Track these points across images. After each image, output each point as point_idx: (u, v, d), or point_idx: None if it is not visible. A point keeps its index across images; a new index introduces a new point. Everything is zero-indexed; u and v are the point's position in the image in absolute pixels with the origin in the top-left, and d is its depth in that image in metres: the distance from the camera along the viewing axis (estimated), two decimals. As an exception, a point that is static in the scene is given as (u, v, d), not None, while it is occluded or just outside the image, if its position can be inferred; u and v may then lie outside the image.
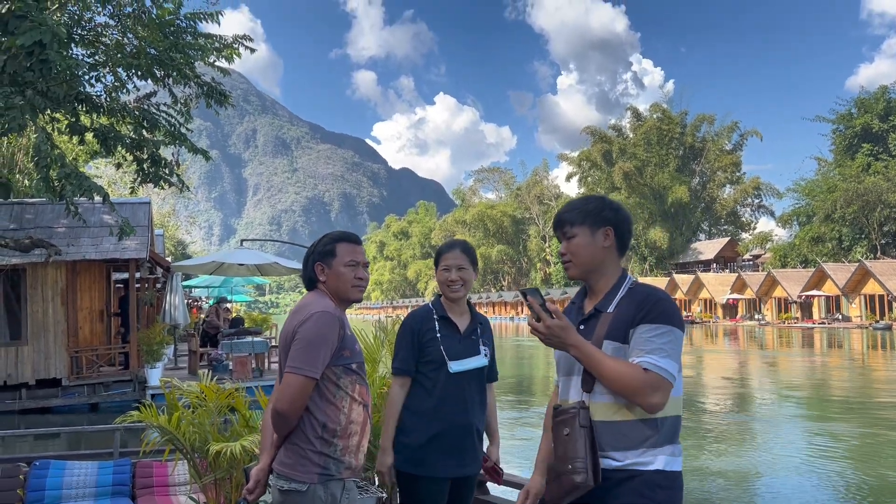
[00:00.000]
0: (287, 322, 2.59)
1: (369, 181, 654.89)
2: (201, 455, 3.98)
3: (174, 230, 57.55)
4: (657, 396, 1.94)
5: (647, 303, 2.04)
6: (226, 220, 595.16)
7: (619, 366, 1.97)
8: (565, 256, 2.22)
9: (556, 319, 2.01)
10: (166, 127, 12.36)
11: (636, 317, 2.03)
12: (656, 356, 1.97)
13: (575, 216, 2.20)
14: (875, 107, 66.24)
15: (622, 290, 2.14)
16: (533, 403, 15.88)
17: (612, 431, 2.00)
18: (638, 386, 1.94)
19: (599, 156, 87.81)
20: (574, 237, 2.19)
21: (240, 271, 16.29)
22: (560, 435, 2.03)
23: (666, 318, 2.02)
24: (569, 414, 2.03)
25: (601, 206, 2.22)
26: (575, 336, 2.01)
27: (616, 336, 2.04)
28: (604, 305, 2.13)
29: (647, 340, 1.99)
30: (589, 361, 1.99)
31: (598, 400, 2.04)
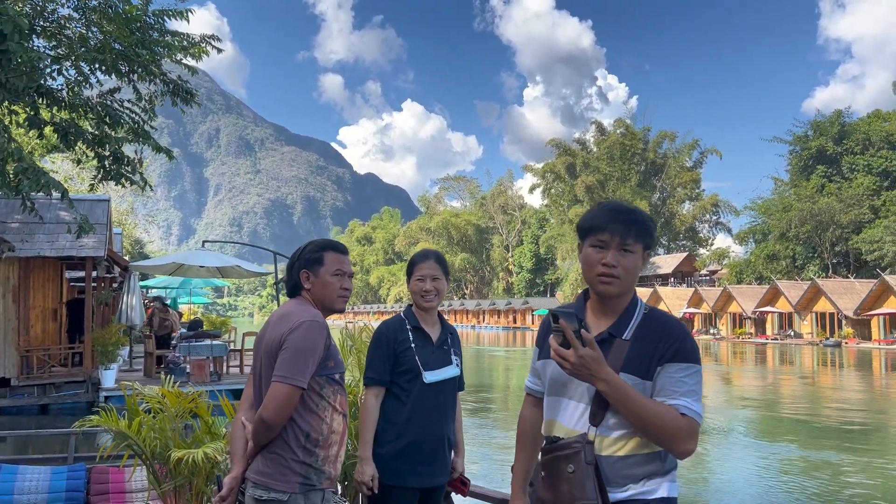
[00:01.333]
0: (272, 329, 2.55)
1: (334, 185, 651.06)
2: (161, 461, 3.90)
3: (132, 229, 56.42)
4: (692, 443, 1.82)
5: (674, 338, 1.88)
6: (185, 219, 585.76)
7: (657, 408, 1.81)
8: (615, 270, 1.92)
9: (588, 349, 1.79)
10: (129, 124, 12.12)
11: (663, 353, 1.87)
12: (690, 399, 1.83)
13: (640, 232, 1.95)
14: (830, 130, 68.14)
15: (637, 314, 1.96)
16: (494, 412, 15.91)
17: (618, 466, 1.87)
18: (677, 432, 1.79)
19: (563, 168, 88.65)
20: (633, 253, 1.95)
21: (200, 273, 16.03)
22: (562, 471, 1.86)
23: (695, 356, 1.89)
24: (572, 449, 1.86)
25: (654, 228, 2.02)
26: (607, 370, 1.81)
27: (636, 370, 1.87)
28: (618, 330, 1.94)
29: (680, 381, 1.84)
30: (621, 399, 1.80)
31: (605, 434, 1.88)
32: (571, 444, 1.87)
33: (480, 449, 11.22)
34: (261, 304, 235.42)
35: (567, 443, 1.89)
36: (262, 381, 2.54)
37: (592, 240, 1.96)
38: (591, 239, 1.97)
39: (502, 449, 11.58)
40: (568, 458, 1.86)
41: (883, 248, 57.72)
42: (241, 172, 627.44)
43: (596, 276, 1.95)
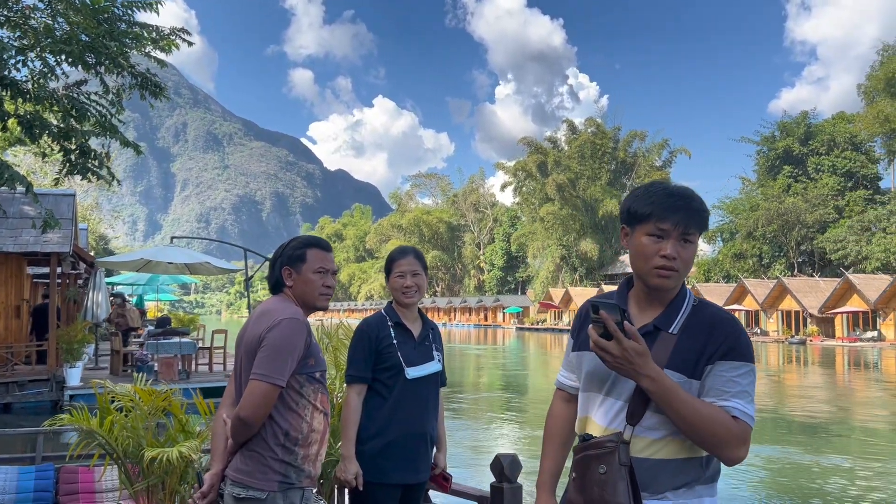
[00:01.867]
0: (251, 326, 2.52)
1: (303, 181, 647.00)
2: (133, 461, 3.82)
3: (96, 224, 55.47)
4: (744, 449, 1.68)
5: (727, 333, 1.75)
6: (151, 215, 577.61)
7: (705, 409, 1.66)
8: (675, 262, 1.77)
9: (633, 342, 1.66)
10: (96, 117, 11.88)
11: (714, 350, 1.73)
12: (743, 401, 1.69)
13: (701, 221, 1.80)
14: (796, 131, 69.44)
15: (686, 306, 1.82)
16: (469, 409, 15.94)
17: (654, 470, 1.73)
18: (728, 437, 1.66)
19: (535, 167, 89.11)
20: (692, 244, 1.80)
21: (168, 269, 15.79)
22: (593, 472, 1.73)
23: (749, 354, 1.75)
24: (605, 448, 1.73)
25: (709, 213, 1.87)
26: (652, 365, 1.67)
27: (683, 367, 1.73)
28: (665, 323, 1.80)
29: (732, 381, 1.70)
30: (667, 398, 1.66)
31: (643, 434, 1.75)
32: (605, 444, 1.74)
33: (455, 449, 11.22)
34: (228, 302, 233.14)
35: (600, 441, 1.76)
36: (242, 379, 2.52)
37: (650, 227, 1.79)
38: (647, 226, 1.79)
39: (473, 450, 11.61)
40: (600, 459, 1.73)
41: (846, 247, 59.03)
42: (209, 168, 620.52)
43: (653, 269, 1.79)
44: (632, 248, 1.85)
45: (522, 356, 36.15)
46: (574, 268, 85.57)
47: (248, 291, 15.32)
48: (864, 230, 59.55)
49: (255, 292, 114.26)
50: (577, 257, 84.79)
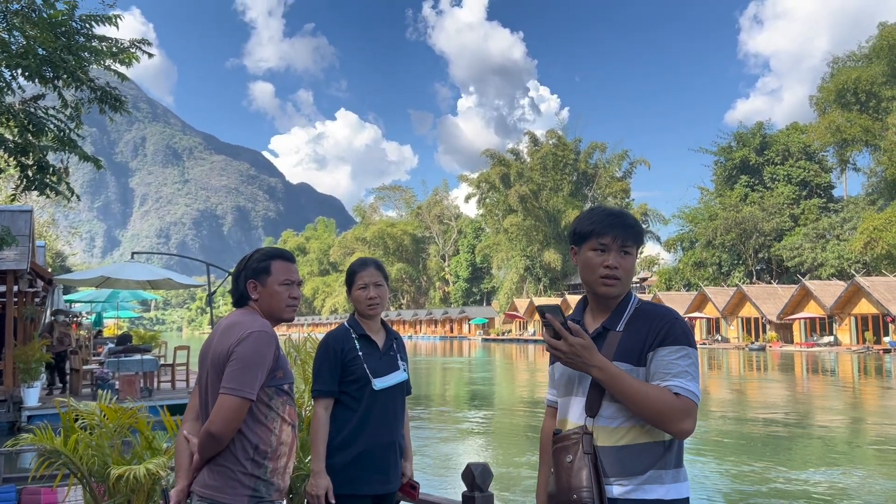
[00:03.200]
0: (218, 340, 2.49)
1: (265, 195, 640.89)
2: (99, 479, 3.77)
3: (53, 241, 54.22)
4: (689, 422, 1.85)
5: (664, 323, 1.95)
6: (110, 231, 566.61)
7: (649, 390, 1.85)
8: (616, 272, 2.00)
9: (578, 338, 1.88)
10: (54, 132, 11.67)
11: (654, 338, 1.93)
12: (684, 380, 1.87)
13: (636, 235, 2.04)
14: (752, 141, 71.08)
15: (630, 307, 2.03)
16: (437, 420, 15.91)
17: (618, 457, 1.90)
18: (671, 411, 1.83)
19: (498, 178, 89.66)
20: (630, 255, 2.04)
21: (129, 284, 15.53)
22: (562, 462, 1.92)
23: (685, 339, 1.94)
24: (570, 440, 1.92)
25: (643, 230, 2.13)
26: (599, 356, 1.89)
27: (629, 357, 1.93)
28: (612, 323, 2.02)
29: (672, 363, 1.89)
30: (615, 384, 1.86)
31: (603, 424, 1.93)
32: (570, 436, 1.93)
33: (425, 460, 11.20)
34: (190, 318, 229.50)
35: (567, 434, 1.94)
36: (208, 394, 2.49)
37: (593, 243, 2.03)
38: (591, 243, 2.03)
39: (443, 460, 11.60)
40: (567, 449, 1.91)
41: (802, 254, 60.50)
42: (169, 182, 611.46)
43: (599, 279, 2.02)
44: (580, 263, 2.09)
45: (488, 367, 36.20)
46: (538, 278, 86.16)
47: (210, 306, 15.14)
48: (818, 237, 61.14)
49: (218, 308, 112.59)
50: (540, 268, 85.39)
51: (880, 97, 61.11)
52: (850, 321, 47.26)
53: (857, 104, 63.13)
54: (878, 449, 12.33)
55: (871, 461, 11.35)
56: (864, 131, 61.09)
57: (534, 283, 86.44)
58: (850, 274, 52.08)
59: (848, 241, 57.06)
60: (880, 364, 34.18)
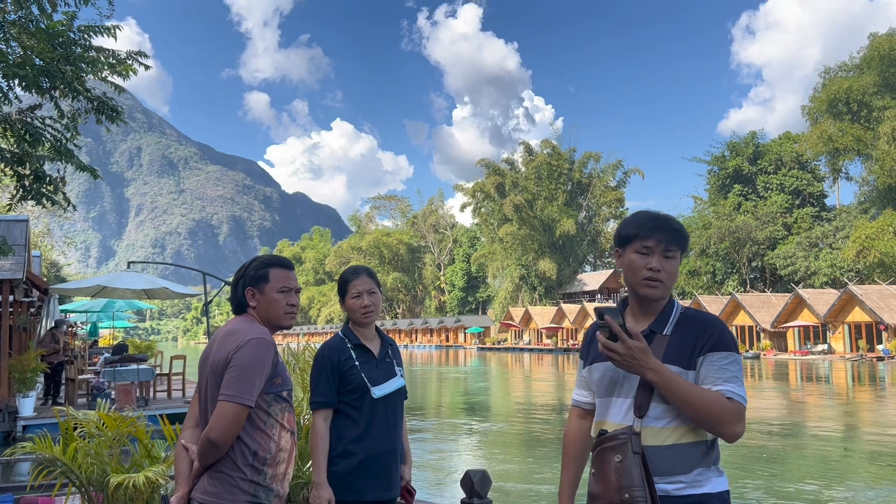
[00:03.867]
0: (217, 347, 2.51)
1: (261, 205, 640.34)
2: (98, 488, 3.78)
3: (48, 251, 54.06)
4: (740, 426, 1.91)
5: (713, 329, 2.00)
6: (105, 241, 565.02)
7: (705, 394, 1.90)
8: (660, 274, 2.04)
9: (636, 341, 1.92)
10: (51, 141, 11.69)
11: (703, 343, 1.98)
12: (734, 385, 1.93)
13: (680, 238, 2.08)
14: (745, 151, 71.42)
15: (675, 312, 2.08)
16: (435, 427, 15.90)
17: (665, 456, 1.95)
18: (725, 415, 1.89)
19: (493, 188, 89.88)
20: (673, 259, 2.07)
21: (125, 293, 15.51)
22: (609, 462, 1.95)
23: (733, 345, 2.00)
24: (619, 440, 1.96)
25: (688, 234, 2.14)
26: (654, 359, 1.92)
27: (678, 360, 1.98)
28: (659, 327, 2.06)
29: (722, 368, 1.95)
30: (670, 387, 1.90)
31: (651, 424, 1.97)
32: (618, 436, 1.96)
33: (424, 467, 11.20)
34: (185, 328, 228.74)
35: (614, 434, 1.98)
36: (207, 401, 2.50)
37: (637, 246, 2.07)
38: (634, 245, 2.08)
39: (442, 467, 11.60)
40: (615, 449, 1.95)
41: (795, 262, 60.69)
42: (164, 192, 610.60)
43: (641, 281, 2.06)
44: (624, 265, 2.13)
45: (485, 376, 36.17)
46: (533, 287, 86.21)
47: (206, 316, 15.13)
48: (811, 246, 61.37)
49: (213, 317, 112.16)
50: (535, 277, 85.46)
51: (871, 107, 61.52)
52: (843, 329, 47.39)
53: (848, 114, 63.53)
54: (872, 456, 12.38)
55: (865, 470, 11.39)
56: (856, 141, 61.45)
57: (529, 291, 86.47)
58: (843, 282, 52.24)
59: (841, 249, 57.27)
60: (874, 372, 34.27)
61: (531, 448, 13.48)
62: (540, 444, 13.80)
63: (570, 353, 62.97)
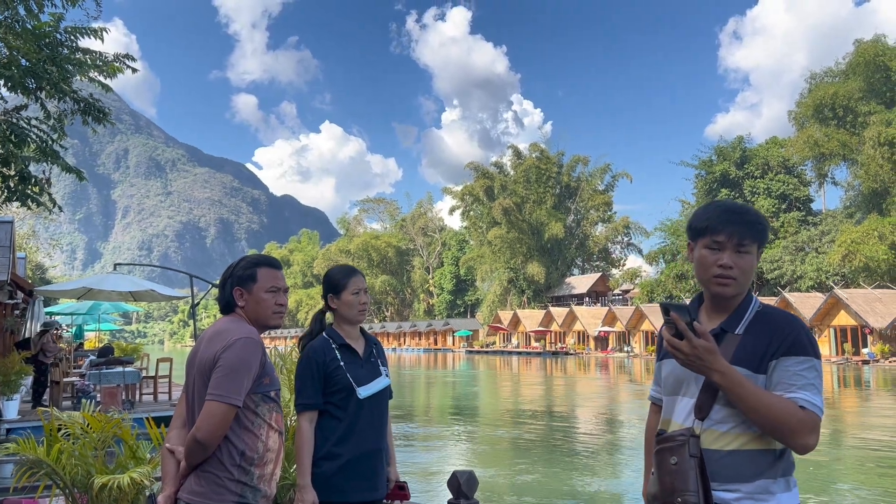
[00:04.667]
0: (205, 347, 2.50)
1: (249, 207, 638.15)
2: (82, 490, 3.76)
3: (33, 253, 53.62)
4: (813, 437, 1.77)
5: (789, 331, 1.86)
6: (91, 243, 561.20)
7: (774, 400, 1.77)
8: (732, 271, 1.92)
9: (703, 341, 1.80)
10: (37, 142, 11.62)
11: (778, 346, 1.84)
12: (809, 393, 1.79)
13: (756, 233, 1.94)
14: (732, 155, 71.83)
15: (750, 310, 1.95)
16: (423, 429, 15.89)
17: (725, 462, 1.84)
18: (796, 425, 1.75)
19: (482, 191, 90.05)
20: (748, 254, 1.93)
21: (111, 296, 15.41)
22: (666, 463, 1.85)
23: (813, 350, 1.85)
24: (676, 441, 1.85)
25: (767, 226, 1.99)
26: (722, 361, 1.80)
27: (748, 363, 1.85)
28: (731, 325, 1.94)
29: (797, 375, 1.81)
30: (737, 391, 1.78)
31: (711, 427, 1.87)
32: (676, 437, 1.86)
33: (411, 468, 11.19)
34: (171, 331, 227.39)
35: (672, 435, 1.88)
36: (195, 401, 2.49)
37: (707, 241, 1.96)
38: (705, 240, 1.96)
39: (429, 468, 11.59)
40: (672, 451, 1.85)
41: (782, 267, 61.11)
42: (152, 194, 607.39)
43: (712, 278, 1.95)
44: (694, 260, 2.03)
45: (473, 379, 36.18)
46: (522, 290, 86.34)
47: (194, 319, 15.06)
48: (798, 250, 61.82)
49: (201, 320, 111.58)
50: (524, 280, 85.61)
51: (857, 112, 62.07)
52: (829, 333, 47.75)
53: (834, 119, 64.06)
54: (858, 461, 12.48)
55: (852, 476, 11.48)
56: (842, 146, 61.98)
57: (517, 295, 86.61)
58: (828, 286, 52.67)
59: (826, 253, 57.72)
60: (859, 375, 34.55)
61: (519, 450, 13.50)
62: (527, 447, 13.82)
63: (558, 357, 63.10)
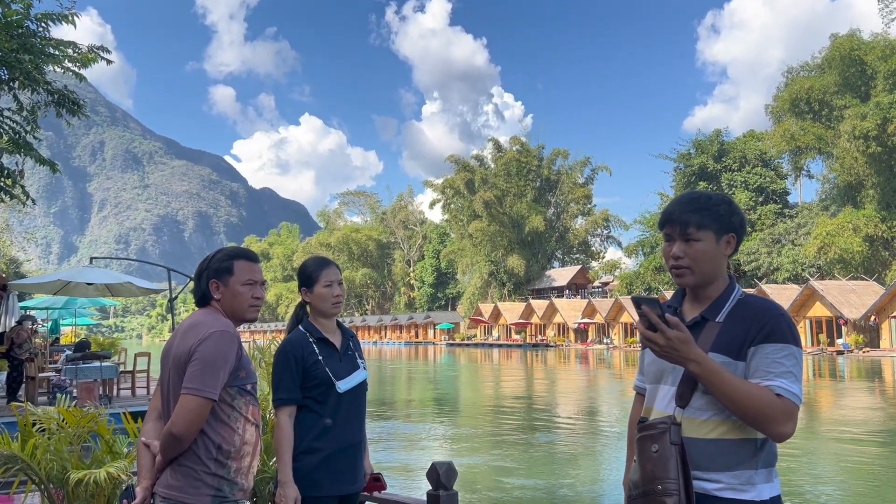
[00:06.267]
0: (180, 340, 2.48)
1: (227, 200, 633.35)
2: (57, 485, 3.71)
3: (7, 247, 52.84)
4: (790, 425, 1.77)
5: (768, 318, 1.85)
6: (67, 237, 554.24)
7: (750, 389, 1.77)
8: (682, 261, 1.93)
9: (676, 332, 1.80)
10: (9, 134, 11.45)
11: (756, 333, 1.84)
12: (787, 380, 1.79)
13: (703, 219, 1.93)
14: (710, 148, 72.48)
15: (732, 299, 1.95)
16: (402, 421, 15.91)
17: (706, 450, 1.84)
18: (772, 413, 1.75)
19: (462, 184, 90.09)
20: (698, 241, 1.92)
21: (87, 291, 15.21)
22: (647, 450, 1.85)
23: (791, 338, 1.84)
24: (657, 429, 1.85)
25: (730, 210, 1.97)
26: (697, 350, 1.80)
27: (727, 350, 1.86)
28: (711, 314, 1.94)
29: (775, 362, 1.81)
30: (712, 379, 1.78)
31: (692, 415, 1.87)
32: (657, 425, 1.86)
33: (390, 461, 11.20)
34: (150, 325, 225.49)
35: (654, 423, 1.88)
36: (170, 394, 2.47)
37: (664, 233, 2.00)
38: (663, 232, 2.00)
39: (408, 460, 11.61)
40: (653, 438, 1.85)
41: (759, 259, 61.83)
42: (128, 187, 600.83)
43: (671, 269, 1.98)
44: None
45: (453, 371, 36.28)
46: (502, 283, 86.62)
47: (172, 313, 14.93)
48: (774, 242, 62.55)
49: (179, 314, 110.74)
50: (505, 273, 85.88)
51: (832, 106, 62.78)
52: (805, 324, 48.41)
53: (810, 113, 64.77)
54: (835, 454, 12.67)
55: (828, 469, 11.66)
56: (818, 139, 62.69)
57: (498, 287, 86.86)
58: (804, 278, 53.38)
59: (802, 245, 58.48)
60: (834, 366, 35.09)
61: (498, 441, 13.56)
62: (507, 437, 13.89)
63: (538, 349, 63.41)
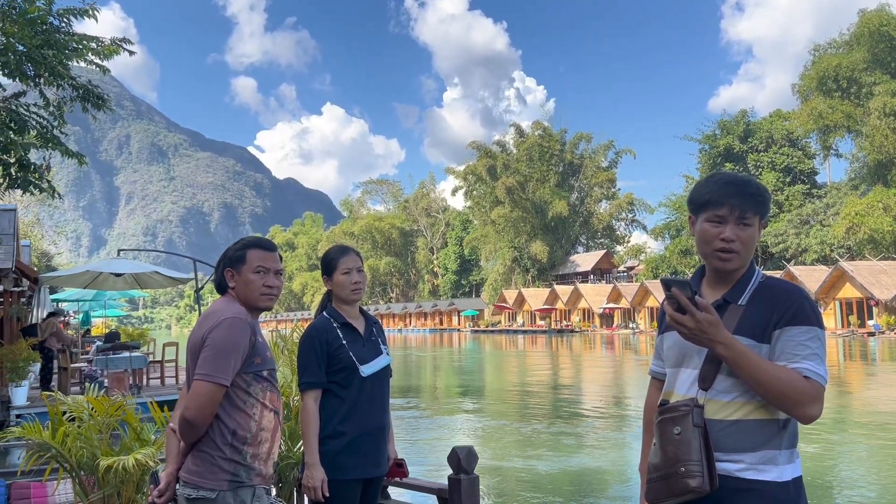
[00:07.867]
0: (196, 328, 2.55)
1: (252, 191, 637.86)
2: (88, 472, 3.80)
3: (38, 241, 53.79)
4: (817, 407, 1.78)
5: (791, 301, 1.86)
6: (95, 230, 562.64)
7: (778, 371, 1.77)
8: (734, 245, 1.91)
9: (705, 314, 1.79)
10: (37, 128, 11.61)
11: (781, 316, 1.85)
12: (813, 362, 1.80)
13: (757, 205, 1.93)
14: (736, 129, 71.47)
15: (753, 281, 1.95)
16: (427, 407, 16.01)
17: (729, 432, 1.84)
18: (800, 395, 1.76)
19: (484, 170, 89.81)
20: (750, 226, 1.92)
21: (116, 284, 15.46)
22: (669, 433, 1.86)
23: (815, 320, 1.85)
24: (679, 411, 1.86)
25: (769, 197, 1.97)
26: (725, 333, 1.80)
27: (751, 332, 1.86)
28: (734, 296, 1.94)
29: (801, 345, 1.81)
30: (741, 362, 1.78)
31: (715, 398, 1.87)
32: (679, 407, 1.87)
33: (414, 446, 11.28)
34: (178, 316, 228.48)
35: (675, 405, 1.89)
36: (189, 380, 2.53)
37: (709, 214, 1.94)
38: (706, 213, 1.95)
39: (431, 446, 11.69)
40: (675, 421, 1.85)
41: (787, 240, 60.98)
42: (154, 180, 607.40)
43: (713, 252, 1.94)
44: (696, 234, 2.00)
45: (478, 357, 36.37)
46: (526, 269, 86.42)
47: (198, 303, 15.12)
48: (802, 223, 61.65)
49: (206, 304, 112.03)
50: (528, 258, 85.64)
51: (861, 83, 61.59)
52: (834, 306, 47.76)
53: (838, 91, 63.60)
54: (867, 435, 12.52)
55: (861, 452, 11.53)
56: (846, 117, 61.57)
57: (522, 273, 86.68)
58: (833, 259, 52.57)
59: (831, 226, 57.57)
60: (865, 348, 34.60)
61: (521, 426, 13.58)
62: (530, 422, 13.91)
63: (563, 335, 63.29)
